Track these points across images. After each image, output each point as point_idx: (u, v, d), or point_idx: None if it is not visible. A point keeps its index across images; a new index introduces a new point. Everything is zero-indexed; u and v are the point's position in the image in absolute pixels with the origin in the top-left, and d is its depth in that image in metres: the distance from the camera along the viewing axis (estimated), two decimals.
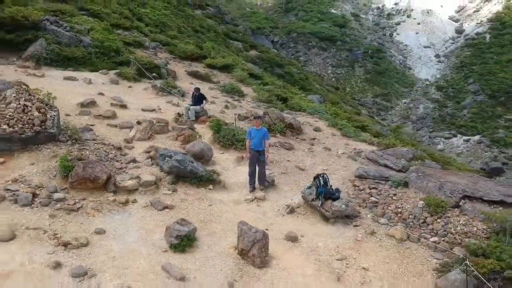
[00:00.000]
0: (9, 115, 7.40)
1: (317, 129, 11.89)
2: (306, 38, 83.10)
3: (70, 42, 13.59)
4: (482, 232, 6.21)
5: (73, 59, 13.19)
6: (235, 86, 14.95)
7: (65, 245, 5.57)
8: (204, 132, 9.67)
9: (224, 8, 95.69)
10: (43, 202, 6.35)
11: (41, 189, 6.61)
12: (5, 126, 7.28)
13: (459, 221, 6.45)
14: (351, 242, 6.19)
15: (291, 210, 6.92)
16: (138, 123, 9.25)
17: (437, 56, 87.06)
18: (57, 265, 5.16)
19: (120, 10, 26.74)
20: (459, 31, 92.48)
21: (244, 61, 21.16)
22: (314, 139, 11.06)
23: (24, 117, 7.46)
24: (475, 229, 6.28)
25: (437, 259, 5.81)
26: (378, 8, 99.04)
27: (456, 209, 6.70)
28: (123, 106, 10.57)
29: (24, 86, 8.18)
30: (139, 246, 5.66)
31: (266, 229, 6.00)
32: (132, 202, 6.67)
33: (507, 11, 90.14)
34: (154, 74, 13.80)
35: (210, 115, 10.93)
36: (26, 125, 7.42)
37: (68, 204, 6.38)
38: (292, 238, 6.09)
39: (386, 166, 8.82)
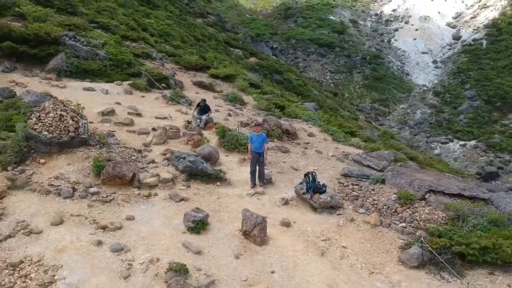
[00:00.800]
0: (49, 123, 8.86)
1: (310, 135, 13.37)
2: (305, 45, 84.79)
3: (87, 56, 15.09)
4: (442, 219, 7.65)
5: (90, 71, 14.68)
6: (237, 95, 16.46)
7: (103, 228, 7.00)
8: (211, 137, 11.14)
9: (224, 15, 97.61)
10: (81, 195, 7.79)
11: (78, 185, 8.05)
12: (45, 132, 8.74)
13: (424, 211, 7.89)
14: (334, 227, 7.62)
15: (286, 202, 8.37)
16: (154, 129, 10.71)
17: (434, 62, 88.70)
18: (99, 243, 6.59)
19: (126, 21, 28.32)
20: (456, 37, 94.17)
21: (244, 71, 22.59)
22: (307, 143, 12.54)
23: (61, 124, 8.91)
24: (436, 216, 7.72)
25: (402, 240, 7.24)
26: (376, 14, 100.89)
27: (423, 201, 8.13)
28: (139, 114, 12.03)
29: (59, 99, 9.62)
30: (162, 229, 7.09)
31: (265, 217, 7.44)
32: (153, 195, 8.12)
33: (503, 18, 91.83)
34: (163, 84, 15.30)
35: (215, 122, 12.41)
36: (63, 132, 8.87)
37: (102, 197, 7.82)
38: (286, 224, 7.52)
39: (369, 166, 10.28)
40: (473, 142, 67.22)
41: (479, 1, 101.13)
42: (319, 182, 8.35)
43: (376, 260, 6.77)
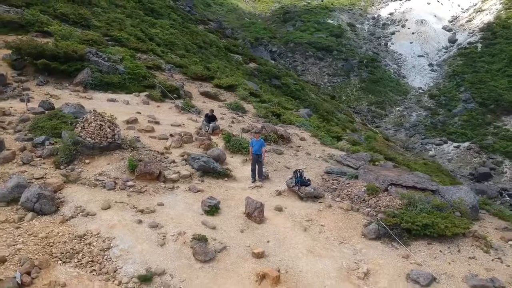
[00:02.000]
0: (91, 131, 11.27)
1: (302, 139, 15.79)
2: (303, 48, 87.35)
3: (108, 70, 17.51)
4: (398, 205, 10.07)
5: (111, 84, 17.10)
6: (239, 104, 18.89)
7: (141, 211, 9.41)
8: (218, 142, 13.57)
9: (224, 18, 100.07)
10: (121, 187, 10.21)
11: (117, 179, 10.46)
12: (89, 139, 11.15)
13: (386, 199, 10.32)
14: (315, 211, 10.05)
15: (279, 193, 10.79)
16: (171, 135, 13.14)
17: (430, 65, 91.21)
18: (139, 222, 8.99)
19: (135, 32, 30.81)
20: (452, 41, 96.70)
21: (244, 80, 25.00)
22: (299, 146, 14.97)
23: (101, 132, 11.33)
24: (394, 203, 10.14)
25: (366, 220, 9.66)
26: (373, 18, 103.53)
27: (385, 192, 10.56)
28: (157, 122, 14.45)
29: (92, 109, 12.04)
30: (185, 212, 9.51)
31: (263, 203, 9.85)
32: (176, 188, 10.53)
33: (498, 21, 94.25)
34: (175, 95, 17.73)
35: (221, 128, 14.83)
36: (102, 138, 11.28)
37: (137, 189, 10.24)
38: (279, 209, 9.94)
39: (348, 165, 12.69)
40: (466, 144, 69.70)
41: (475, 5, 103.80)
42: (305, 177, 10.77)
43: (345, 234, 9.20)
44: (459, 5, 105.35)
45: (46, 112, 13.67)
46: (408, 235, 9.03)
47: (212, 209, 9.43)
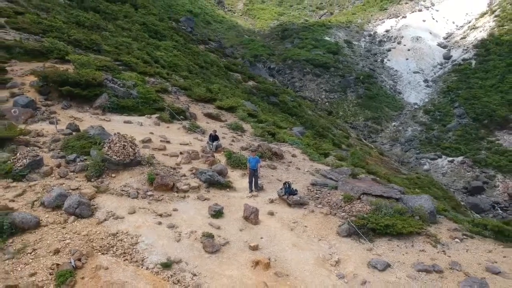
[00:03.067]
0: (116, 150, 13.81)
1: (293, 155, 18.32)
2: (301, 65, 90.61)
3: (123, 95, 20.14)
4: (368, 210, 12.56)
5: (126, 107, 19.71)
6: (238, 124, 21.48)
7: (160, 215, 11.87)
8: (221, 158, 16.10)
9: (224, 36, 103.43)
10: (142, 196, 12.69)
11: (139, 190, 12.95)
12: (115, 157, 13.68)
13: (358, 205, 12.81)
14: (301, 215, 12.53)
15: (271, 201, 13.29)
16: (181, 153, 15.68)
17: (425, 81, 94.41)
18: (159, 223, 11.45)
19: (141, 55, 33.64)
20: (447, 57, 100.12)
21: (243, 101, 27.66)
22: (290, 162, 17.50)
23: (124, 151, 13.87)
24: (365, 209, 12.63)
25: (341, 222, 12.13)
26: (370, 35, 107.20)
27: (358, 200, 13.05)
28: (168, 142, 17.00)
29: (122, 133, 14.60)
30: (195, 215, 11.98)
31: (258, 209, 12.32)
32: (187, 197, 13.02)
33: (491, 38, 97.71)
34: (181, 116, 20.33)
35: (223, 147, 17.38)
36: (125, 156, 13.81)
37: (156, 197, 12.72)
38: (271, 213, 12.42)
39: (331, 178, 15.20)
40: (460, 158, 72.28)
41: (469, 22, 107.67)
42: (293, 188, 13.28)
43: (323, 233, 11.67)
44: (453, 22, 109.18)
45: (74, 133, 16.24)
46: (373, 233, 11.49)
47: (217, 213, 11.92)
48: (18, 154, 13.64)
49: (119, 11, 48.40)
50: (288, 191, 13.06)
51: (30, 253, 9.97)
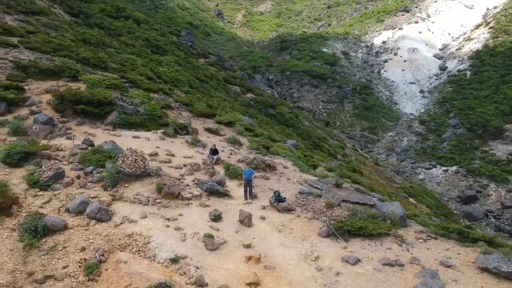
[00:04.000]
0: (129, 163, 16.05)
1: (285, 167, 20.57)
2: (299, 76, 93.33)
3: (132, 112, 22.45)
4: (346, 215, 14.78)
5: (134, 123, 22.00)
6: (236, 138, 23.76)
7: (168, 219, 14.07)
8: (220, 170, 18.34)
9: (224, 47, 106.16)
10: (152, 203, 14.91)
11: (149, 198, 15.17)
12: (128, 169, 15.92)
13: (338, 211, 15.01)
14: (288, 220, 14.75)
15: (263, 208, 15.51)
16: (184, 165, 17.94)
17: (421, 91, 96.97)
18: (167, 226, 13.66)
19: (145, 71, 36.04)
20: (443, 68, 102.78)
21: (241, 116, 29.99)
22: (282, 173, 19.75)
23: (136, 164, 16.11)
24: (343, 214, 14.86)
25: (322, 225, 14.35)
26: (367, 46, 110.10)
27: (338, 206, 15.27)
28: (173, 155, 19.26)
29: (132, 148, 16.86)
30: (198, 219, 14.20)
31: (251, 214, 14.52)
32: (190, 204, 15.24)
33: (486, 50, 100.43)
34: (184, 132, 22.61)
35: (222, 160, 19.63)
36: (137, 168, 16.05)
37: (164, 204, 14.93)
38: (262, 218, 14.64)
39: (316, 188, 17.43)
40: (454, 168, 74.51)
41: (464, 34, 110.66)
42: (282, 196, 15.51)
43: (307, 234, 13.89)
44: (449, 34, 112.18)
45: (89, 148, 18.49)
46: (348, 234, 13.70)
47: (216, 218, 14.14)
48: (43, 166, 15.88)
49: (123, 27, 51.00)
50: (278, 198, 15.29)
51: (61, 250, 12.18)
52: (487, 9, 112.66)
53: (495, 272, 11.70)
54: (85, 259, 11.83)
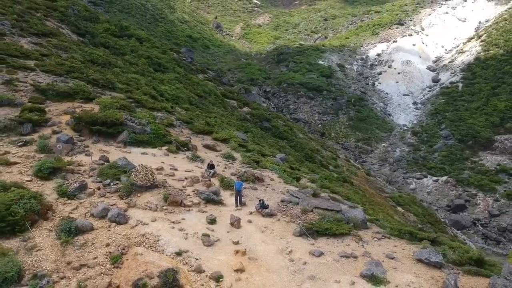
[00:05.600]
0: (140, 177, 19.87)
1: (272, 179, 24.38)
2: (295, 88, 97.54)
3: (140, 132, 26.32)
4: (317, 219, 18.58)
5: (142, 141, 25.85)
6: (230, 154, 27.61)
7: (173, 222, 17.86)
8: (216, 182, 22.17)
9: (222, 60, 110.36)
10: (160, 209, 18.71)
11: (157, 205, 18.96)
12: (140, 182, 19.74)
13: (311, 216, 18.81)
14: (270, 223, 18.55)
15: (250, 213, 19.32)
16: (186, 178, 21.78)
17: (414, 103, 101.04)
18: (173, 227, 17.45)
19: (149, 91, 40.01)
20: (436, 80, 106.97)
21: (236, 132, 33.90)
22: (268, 184, 23.58)
23: (146, 178, 19.93)
24: (315, 218, 18.65)
25: (297, 227, 18.13)
26: (362, 59, 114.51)
27: (311, 212, 19.07)
28: (176, 169, 23.09)
29: (143, 164, 20.71)
30: (197, 222, 18.00)
31: (240, 218, 18.31)
32: (191, 210, 19.05)
33: (477, 62, 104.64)
34: (185, 148, 26.46)
35: (218, 173, 23.44)
36: (147, 181, 19.86)
37: (169, 210, 18.73)
38: (249, 221, 18.44)
39: (296, 197, 21.24)
40: (444, 178, 78.33)
41: (457, 46, 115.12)
42: (266, 203, 19.33)
43: (284, 234, 17.68)
44: (442, 46, 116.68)
45: (105, 163, 22.32)
46: (317, 234, 17.48)
47: (212, 221, 17.95)
48: (69, 179, 19.72)
49: (126, 46, 55.15)
50: (262, 206, 19.10)
51: (90, 245, 15.97)
52: (479, 22, 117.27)
53: (426, 262, 15.49)
54: (110, 252, 15.61)
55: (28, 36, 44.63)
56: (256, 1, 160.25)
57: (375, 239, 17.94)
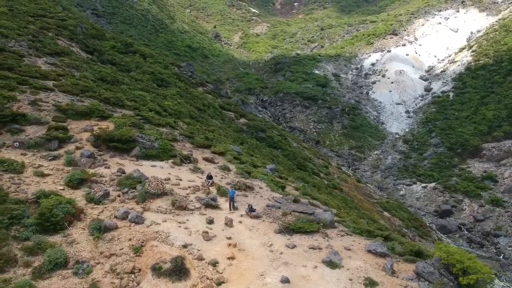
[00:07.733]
0: (153, 186, 25.11)
1: (260, 188, 29.62)
2: (291, 97, 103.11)
3: (149, 147, 31.59)
4: (294, 220, 23.84)
5: (151, 155, 31.13)
6: (226, 165, 32.85)
7: (180, 222, 23.10)
8: (214, 190, 27.44)
9: (221, 69, 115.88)
10: (169, 212, 23.95)
11: (167, 209, 24.21)
12: (152, 190, 24.98)
13: (289, 217, 24.07)
14: (256, 223, 23.83)
15: (241, 215, 24.60)
16: (189, 187, 27.07)
17: (407, 112, 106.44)
18: (179, 226, 22.72)
19: (154, 107, 45.35)
20: (428, 89, 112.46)
21: (232, 146, 39.21)
22: (258, 192, 28.83)
23: (157, 187, 25.19)
24: (292, 219, 23.92)
25: (277, 226, 23.36)
26: (357, 68, 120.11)
27: (290, 214, 24.30)
28: (180, 179, 28.37)
29: (154, 175, 25.99)
30: (198, 223, 23.27)
31: (233, 219, 23.56)
32: (194, 213, 24.30)
33: (468, 72, 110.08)
34: (188, 161, 31.72)
35: (215, 182, 28.69)
36: (158, 190, 25.11)
37: (176, 213, 23.98)
38: (240, 222, 23.70)
39: (279, 202, 26.48)
40: (433, 184, 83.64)
41: (449, 56, 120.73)
42: (254, 208, 24.59)
43: (267, 232, 22.95)
44: (435, 56, 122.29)
45: (122, 175, 27.58)
46: (292, 231, 22.71)
47: (210, 221, 23.22)
48: (95, 188, 24.99)
49: (131, 62, 60.58)
50: (250, 209, 24.36)
51: (117, 240, 21.22)
52: (471, 32, 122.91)
53: (374, 252, 20.75)
54: (132, 244, 20.88)
55: (43, 56, 50.04)
56: (254, 11, 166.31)
57: (339, 236, 23.20)
